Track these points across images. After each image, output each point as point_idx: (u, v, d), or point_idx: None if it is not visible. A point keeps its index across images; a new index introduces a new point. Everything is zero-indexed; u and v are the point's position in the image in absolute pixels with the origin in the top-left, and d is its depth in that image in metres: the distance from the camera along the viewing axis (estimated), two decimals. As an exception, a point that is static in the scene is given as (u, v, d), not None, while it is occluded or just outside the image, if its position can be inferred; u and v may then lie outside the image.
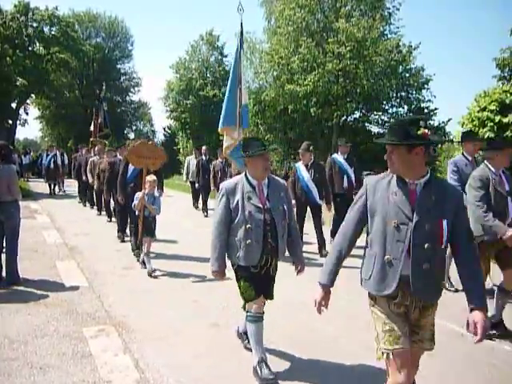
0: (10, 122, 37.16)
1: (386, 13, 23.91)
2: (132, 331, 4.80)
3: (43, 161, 19.80)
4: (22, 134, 67.80)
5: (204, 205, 14.03)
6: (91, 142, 19.62)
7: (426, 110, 23.31)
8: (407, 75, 23.04)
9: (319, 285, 2.98)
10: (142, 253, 7.40)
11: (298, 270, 4.08)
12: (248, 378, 3.87)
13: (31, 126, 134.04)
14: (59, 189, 19.74)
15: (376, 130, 25.58)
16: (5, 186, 6.09)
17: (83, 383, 3.72)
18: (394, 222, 2.69)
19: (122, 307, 5.54)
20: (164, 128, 45.05)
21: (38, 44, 35.41)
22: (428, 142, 2.69)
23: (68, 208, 15.12)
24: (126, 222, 9.01)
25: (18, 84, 33.30)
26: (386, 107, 24.64)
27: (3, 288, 6.13)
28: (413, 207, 2.67)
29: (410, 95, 23.73)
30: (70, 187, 19.61)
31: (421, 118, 2.73)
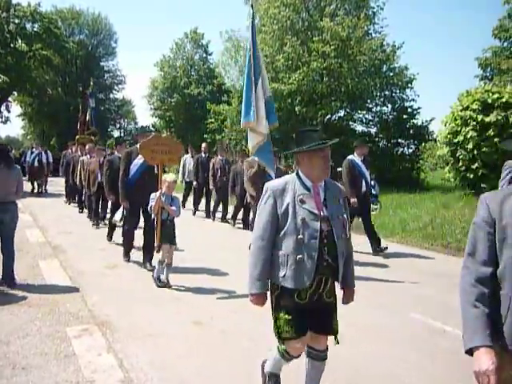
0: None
1: (371, 12, 24.05)
2: (116, 330, 4.78)
3: (27, 158, 19.14)
4: (3, 131, 67.03)
5: (207, 204, 13.49)
6: (77, 139, 18.85)
7: (409, 109, 23.50)
8: (391, 74, 23.21)
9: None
10: (158, 266, 6.50)
11: (346, 299, 3.30)
12: (231, 376, 3.88)
13: (13, 124, 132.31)
14: (41, 188, 18.96)
15: (360, 128, 25.70)
16: (13, 187, 6.17)
17: (66, 383, 3.70)
18: None
19: (105, 306, 5.51)
20: (148, 126, 44.85)
21: (20, 41, 35.00)
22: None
23: (51, 207, 14.97)
24: (135, 225, 7.79)
25: (-1, 81, 32.90)
26: (370, 106, 24.77)
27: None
28: None
29: (393, 94, 23.89)
30: (55, 186, 19.35)
31: None
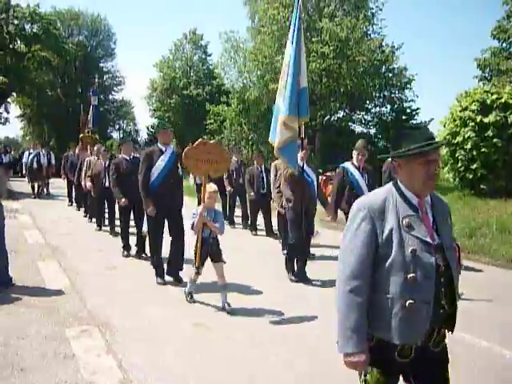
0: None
1: (369, 13, 24.11)
2: (115, 331, 4.77)
3: (24, 159, 18.27)
4: (2, 132, 66.92)
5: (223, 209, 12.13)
6: (80, 138, 18.09)
7: (408, 110, 23.54)
8: (390, 75, 23.26)
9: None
10: (190, 282, 5.85)
11: None
12: (232, 377, 3.87)
13: (12, 125, 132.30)
14: (42, 191, 18.00)
15: (359, 129, 25.77)
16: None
17: (65, 384, 3.69)
18: None
19: (104, 307, 5.50)
20: (147, 127, 44.89)
21: (19, 42, 34.88)
22: None
23: (50, 208, 14.93)
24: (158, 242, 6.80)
25: (-2, 82, 32.80)
26: (369, 107, 24.86)
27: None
28: None
29: (392, 95, 23.96)
30: (56, 189, 19.00)
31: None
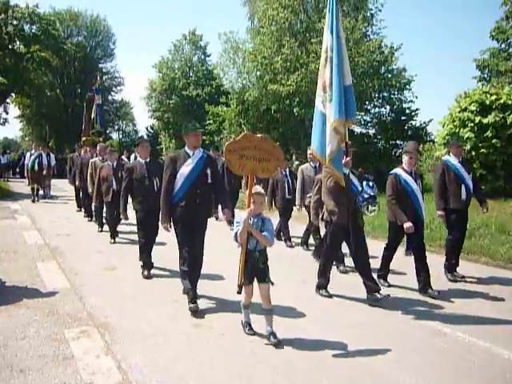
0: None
1: (369, 14, 24.11)
2: (114, 332, 4.77)
3: (26, 161, 17.68)
4: (1, 133, 66.73)
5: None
6: (83, 141, 17.41)
7: (407, 111, 23.54)
8: (389, 76, 23.23)
9: None
10: (244, 309, 4.80)
11: None
12: (231, 378, 3.88)
13: (12, 125, 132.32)
14: (44, 194, 17.28)
15: (358, 130, 25.72)
16: None
17: (65, 385, 3.68)
18: None
19: (103, 308, 5.50)
20: (147, 127, 45.02)
21: (18, 42, 34.80)
22: None
23: (49, 208, 14.92)
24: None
25: (-3, 82, 32.74)
26: (369, 107, 24.82)
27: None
28: None
29: (392, 96, 23.93)
30: (57, 191, 19.03)
31: None
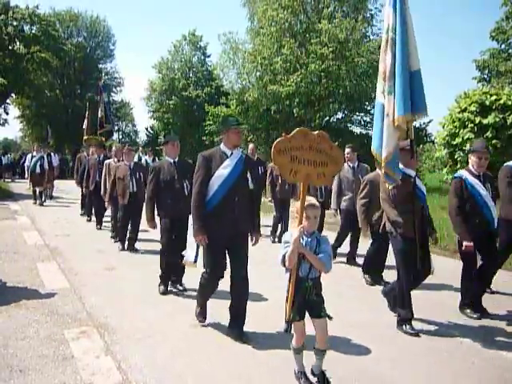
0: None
1: (368, 14, 24.19)
2: (114, 332, 4.76)
3: (26, 163, 17.12)
4: (1, 133, 66.76)
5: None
6: (84, 140, 17.21)
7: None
8: (389, 76, 23.25)
9: None
10: (295, 355, 3.75)
11: None
12: (231, 378, 3.87)
13: (11, 126, 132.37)
14: (46, 196, 16.64)
15: (358, 130, 25.77)
16: None
17: (64, 385, 3.68)
18: None
19: (103, 308, 5.49)
20: (146, 128, 44.90)
21: (18, 43, 34.84)
22: None
23: (49, 209, 14.92)
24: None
25: (-3, 83, 32.73)
26: (369, 108, 24.83)
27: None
28: None
29: (391, 96, 23.93)
30: (59, 192, 18.80)
31: None
